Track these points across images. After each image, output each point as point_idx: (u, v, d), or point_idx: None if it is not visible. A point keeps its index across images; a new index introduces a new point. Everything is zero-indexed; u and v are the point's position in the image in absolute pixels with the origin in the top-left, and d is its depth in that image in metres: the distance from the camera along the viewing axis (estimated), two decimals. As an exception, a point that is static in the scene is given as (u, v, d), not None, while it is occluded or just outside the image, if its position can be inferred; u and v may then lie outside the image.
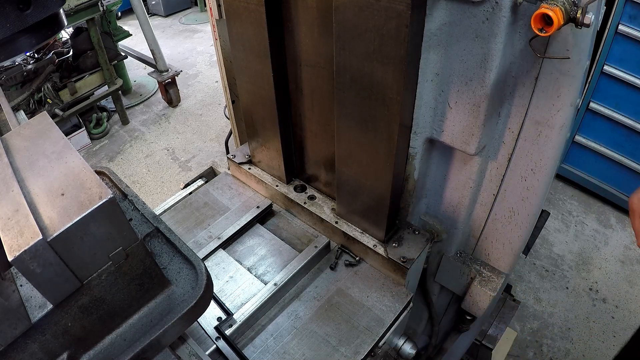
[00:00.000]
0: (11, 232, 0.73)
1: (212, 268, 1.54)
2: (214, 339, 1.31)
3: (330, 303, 1.44)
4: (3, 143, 0.97)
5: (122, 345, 0.91)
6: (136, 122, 4.85)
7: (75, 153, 0.89)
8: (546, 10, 0.82)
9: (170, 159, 4.29)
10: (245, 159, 1.86)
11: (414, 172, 1.40)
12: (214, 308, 1.40)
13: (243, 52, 1.49)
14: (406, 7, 0.97)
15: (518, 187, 1.31)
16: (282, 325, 1.39)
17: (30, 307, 0.82)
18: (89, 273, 0.82)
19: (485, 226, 1.47)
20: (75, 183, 0.81)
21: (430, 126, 1.26)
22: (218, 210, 1.77)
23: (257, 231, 1.69)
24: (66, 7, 3.62)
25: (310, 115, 1.53)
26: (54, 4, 0.91)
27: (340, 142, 1.38)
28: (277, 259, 1.57)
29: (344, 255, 1.59)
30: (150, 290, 0.95)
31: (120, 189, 1.12)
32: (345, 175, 1.45)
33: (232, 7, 1.40)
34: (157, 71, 4.77)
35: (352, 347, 1.31)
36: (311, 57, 1.37)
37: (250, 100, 1.63)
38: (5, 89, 3.70)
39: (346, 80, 1.22)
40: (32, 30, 0.90)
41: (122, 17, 7.08)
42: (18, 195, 0.79)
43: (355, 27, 1.10)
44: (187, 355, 1.13)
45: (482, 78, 1.06)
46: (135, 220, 1.05)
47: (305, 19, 1.30)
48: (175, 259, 1.03)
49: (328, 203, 1.67)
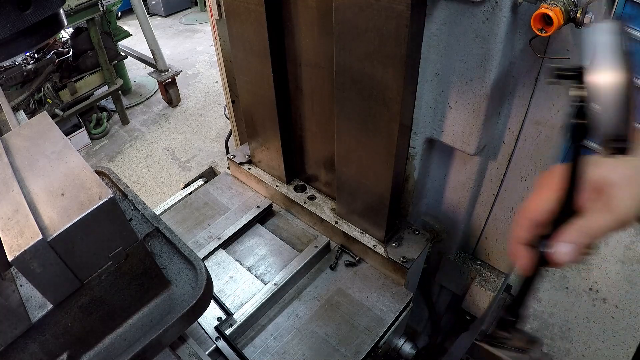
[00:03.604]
0: (11, 232, 0.73)
1: (212, 268, 1.54)
2: (214, 339, 1.31)
3: (330, 303, 1.44)
4: (3, 143, 0.97)
5: (122, 345, 0.91)
6: (136, 122, 4.85)
7: (75, 153, 0.89)
8: (546, 10, 0.82)
9: (170, 159, 4.29)
10: (245, 159, 1.86)
11: (414, 172, 1.40)
12: (214, 308, 1.40)
13: (243, 52, 1.49)
14: (406, 7, 0.97)
15: (518, 187, 1.31)
16: (282, 325, 1.39)
17: (30, 307, 0.81)
18: (89, 273, 0.82)
19: (485, 226, 1.47)
20: (75, 183, 0.81)
21: (430, 126, 1.26)
22: (218, 210, 1.77)
23: (257, 231, 1.69)
24: (66, 7, 3.62)
25: (310, 115, 1.53)
26: (54, 4, 0.91)
27: (340, 142, 1.38)
28: (277, 259, 1.57)
29: (344, 255, 1.59)
30: (150, 291, 0.95)
31: (120, 189, 1.12)
32: (345, 175, 1.45)
33: (232, 7, 1.40)
34: (157, 71, 4.76)
35: (352, 347, 1.31)
36: (311, 57, 1.37)
37: (250, 100, 1.63)
38: (5, 89, 3.70)
39: (346, 80, 1.22)
40: (32, 30, 0.90)
41: (122, 17, 7.08)
42: (18, 195, 0.79)
43: (355, 27, 1.10)
44: (187, 355, 1.13)
45: (482, 78, 1.06)
46: (135, 220, 1.05)
47: (305, 19, 1.30)
48: (175, 259, 1.03)
49: (328, 203, 1.67)
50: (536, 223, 0.75)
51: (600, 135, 0.65)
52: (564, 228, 0.71)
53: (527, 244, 0.76)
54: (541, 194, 0.76)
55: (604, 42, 0.60)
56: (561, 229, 0.71)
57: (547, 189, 0.75)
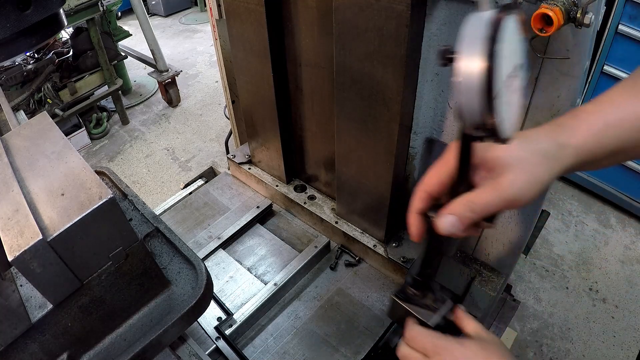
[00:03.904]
0: (11, 232, 0.73)
1: (212, 268, 1.54)
2: (214, 339, 1.31)
3: (330, 303, 1.44)
4: (3, 143, 0.97)
5: (122, 345, 0.91)
6: (136, 122, 4.85)
7: (75, 153, 0.89)
8: (546, 10, 0.82)
9: (170, 159, 4.29)
10: (245, 159, 1.86)
11: (414, 172, 1.39)
12: (214, 308, 1.40)
13: (243, 52, 1.49)
14: (406, 7, 0.97)
15: (518, 187, 1.31)
16: (282, 325, 1.39)
17: (30, 307, 0.81)
18: (89, 273, 0.82)
19: (485, 226, 1.47)
20: (75, 183, 0.81)
21: (430, 126, 1.26)
22: (218, 210, 1.77)
23: (257, 231, 1.69)
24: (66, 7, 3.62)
25: (310, 115, 1.53)
26: (54, 4, 0.91)
27: (340, 142, 1.38)
28: (277, 259, 1.57)
29: (344, 255, 1.59)
30: (150, 291, 0.95)
31: (120, 189, 1.12)
32: (345, 175, 1.45)
33: (232, 7, 1.40)
34: (157, 71, 4.76)
35: (352, 347, 1.31)
36: (311, 57, 1.37)
37: (250, 100, 1.63)
38: (5, 89, 3.69)
39: (346, 80, 1.22)
40: (32, 30, 0.90)
41: (122, 17, 7.08)
42: (18, 195, 0.79)
43: (355, 27, 1.09)
44: (187, 355, 1.13)
45: (482, 78, 1.06)
46: (135, 220, 1.05)
47: (305, 19, 1.30)
48: (175, 259, 1.03)
49: (328, 203, 1.67)
50: (430, 195, 0.81)
51: (464, 122, 0.65)
52: (453, 201, 0.75)
53: (420, 214, 0.82)
54: (437, 168, 0.81)
55: (472, 30, 0.60)
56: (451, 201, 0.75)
57: (443, 164, 0.79)
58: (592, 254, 3.14)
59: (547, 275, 3.02)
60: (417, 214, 0.83)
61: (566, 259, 3.12)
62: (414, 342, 0.90)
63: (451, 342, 0.86)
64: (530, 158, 0.74)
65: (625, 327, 2.67)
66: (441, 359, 0.84)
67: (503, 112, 0.62)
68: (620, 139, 0.74)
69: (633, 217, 3.36)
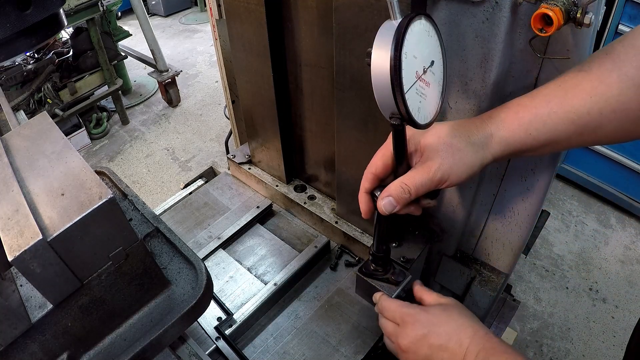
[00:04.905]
0: (11, 232, 0.73)
1: (212, 268, 1.54)
2: (214, 339, 1.31)
3: (330, 303, 1.44)
4: (3, 143, 0.97)
5: (122, 345, 0.91)
6: (136, 122, 4.85)
7: (75, 153, 0.89)
8: (546, 10, 0.82)
9: (170, 159, 4.29)
10: (245, 159, 1.86)
11: (414, 172, 1.39)
12: (214, 308, 1.40)
13: (243, 52, 1.49)
14: (406, 7, 0.97)
15: (518, 187, 1.31)
16: (282, 325, 1.39)
17: (30, 307, 0.81)
18: (89, 273, 0.82)
19: (485, 226, 1.47)
20: (75, 183, 0.81)
21: (430, 126, 1.26)
22: (218, 210, 1.77)
23: (257, 231, 1.69)
24: (66, 7, 3.62)
25: (310, 115, 1.53)
26: (54, 4, 0.91)
27: (340, 142, 1.38)
28: (277, 259, 1.57)
29: (344, 255, 1.59)
30: (150, 290, 0.95)
31: (120, 189, 1.12)
32: (345, 175, 1.45)
33: (232, 7, 1.40)
34: (157, 71, 4.76)
35: (352, 347, 1.31)
36: (311, 57, 1.37)
37: (250, 100, 1.63)
38: (5, 89, 3.70)
39: (346, 80, 1.22)
40: (32, 30, 0.90)
41: (122, 17, 7.09)
42: (18, 195, 0.79)
43: (355, 27, 1.10)
44: (187, 355, 1.13)
45: (482, 78, 1.06)
46: (135, 220, 1.05)
47: (305, 19, 1.30)
48: (175, 259, 1.03)
49: (328, 203, 1.67)
50: (376, 176, 0.90)
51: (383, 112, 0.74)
52: (390, 183, 0.85)
53: (368, 193, 0.91)
54: (381, 151, 0.90)
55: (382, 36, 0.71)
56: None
57: (387, 148, 0.88)
58: (592, 254, 3.14)
59: (547, 275, 3.03)
60: (366, 193, 0.92)
61: (566, 259, 3.12)
62: (386, 312, 1.01)
63: (416, 310, 0.96)
64: (457, 144, 0.83)
65: (625, 327, 2.67)
66: (409, 325, 0.94)
67: (417, 103, 0.73)
68: (551, 131, 0.81)
69: (633, 217, 3.36)
